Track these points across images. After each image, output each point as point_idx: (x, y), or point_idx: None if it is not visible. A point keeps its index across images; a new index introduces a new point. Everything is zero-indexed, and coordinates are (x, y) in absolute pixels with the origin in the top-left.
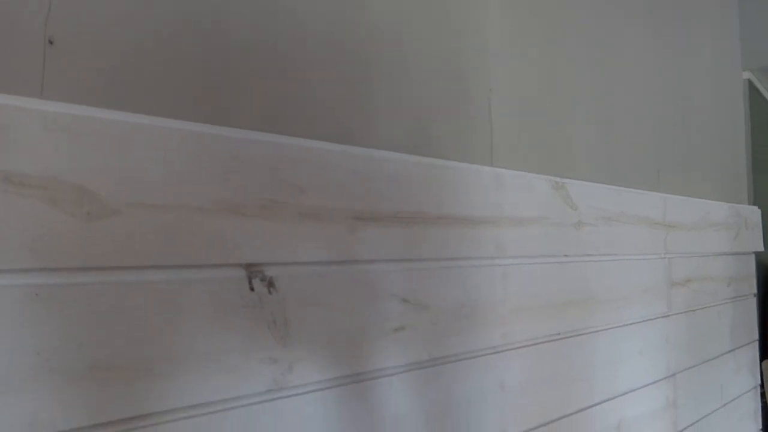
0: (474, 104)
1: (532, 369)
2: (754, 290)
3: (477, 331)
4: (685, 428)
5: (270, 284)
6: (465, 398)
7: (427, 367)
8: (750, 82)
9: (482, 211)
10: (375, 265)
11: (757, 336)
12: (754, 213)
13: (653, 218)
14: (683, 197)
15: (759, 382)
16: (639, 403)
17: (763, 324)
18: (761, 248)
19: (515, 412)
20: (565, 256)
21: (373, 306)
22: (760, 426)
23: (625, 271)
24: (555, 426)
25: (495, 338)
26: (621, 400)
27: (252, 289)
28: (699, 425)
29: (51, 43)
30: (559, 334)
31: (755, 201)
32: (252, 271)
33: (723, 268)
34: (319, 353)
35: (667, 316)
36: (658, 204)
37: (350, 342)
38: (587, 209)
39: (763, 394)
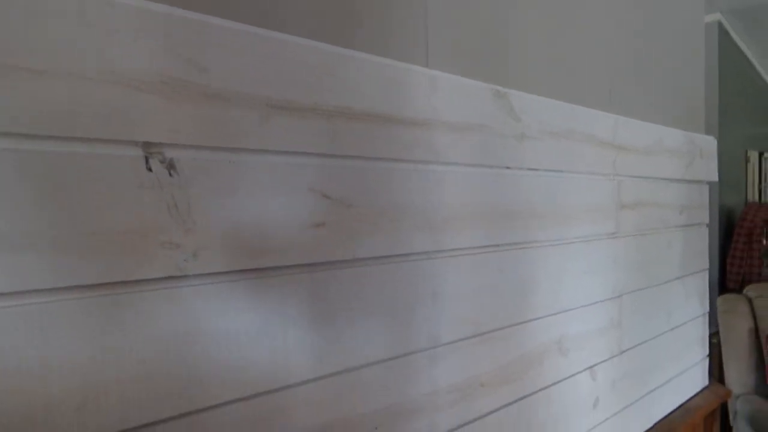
0: (408, 2)
1: (468, 278)
2: (707, 220)
3: (408, 235)
4: (629, 348)
5: (170, 166)
6: (394, 302)
7: (351, 267)
8: (720, 24)
9: (414, 113)
10: (292, 157)
11: (707, 265)
12: (710, 142)
13: (603, 138)
14: (635, 120)
15: (707, 310)
16: (582, 320)
17: (722, 263)
18: (715, 178)
19: (449, 321)
20: (507, 168)
21: (290, 199)
22: (707, 352)
23: (570, 189)
24: (491, 337)
25: (427, 244)
26: (563, 316)
27: (150, 169)
28: (644, 347)
29: None
30: (498, 246)
31: (720, 141)
32: (150, 151)
33: (675, 195)
34: (228, 243)
35: (615, 237)
36: (608, 124)
37: (264, 234)
38: (531, 122)
39: (715, 333)
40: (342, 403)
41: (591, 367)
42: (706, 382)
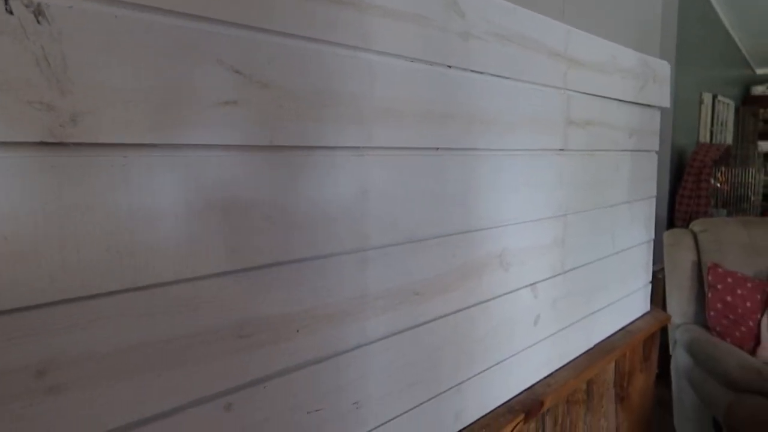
0: None
1: (403, 181)
2: (656, 147)
3: (335, 126)
4: (572, 269)
5: (38, 12)
6: (318, 197)
7: (269, 153)
8: None
9: None
10: (194, 21)
11: (655, 192)
12: (664, 67)
13: (553, 48)
14: (589, 34)
15: (652, 237)
16: (525, 236)
17: (671, 200)
18: (667, 104)
19: (380, 223)
20: (449, 67)
21: (193, 69)
22: (650, 279)
23: (518, 98)
24: (427, 244)
25: (358, 138)
26: (505, 230)
27: (10, 12)
28: (588, 268)
29: None
30: (437, 149)
31: (676, 82)
32: None
33: (626, 117)
34: (115, 112)
35: (562, 154)
36: (560, 34)
37: (160, 106)
38: (477, 20)
39: (661, 269)
40: (259, 301)
41: (533, 284)
42: (648, 308)
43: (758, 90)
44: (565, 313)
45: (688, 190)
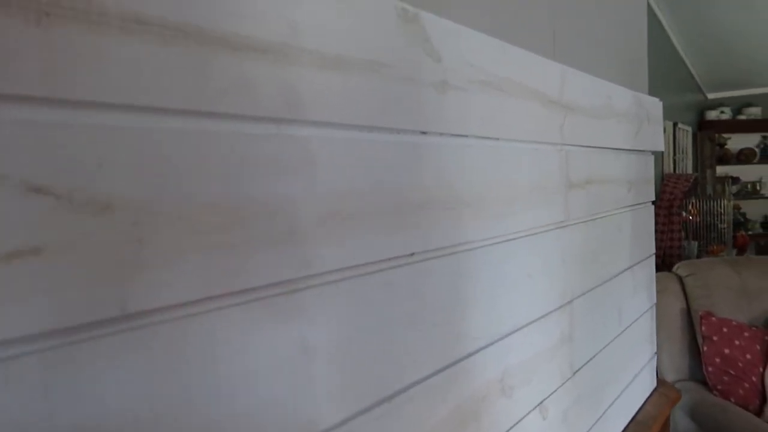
0: None
1: (364, 315)
2: (653, 197)
3: (248, 255)
4: (581, 367)
5: None
6: (221, 389)
7: (118, 332)
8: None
9: (257, 32)
10: None
11: (654, 250)
12: (656, 106)
13: (548, 94)
14: (584, 74)
15: (655, 301)
16: (528, 342)
17: None
18: (662, 148)
19: (331, 391)
20: (423, 133)
21: None
22: (655, 350)
23: (509, 163)
24: (406, 398)
25: (290, 266)
26: (505, 343)
27: None
28: (597, 360)
29: None
30: (412, 255)
31: None
32: None
33: (624, 168)
34: None
35: (564, 226)
36: (554, 76)
37: None
38: (457, 64)
39: None
40: None
41: (540, 403)
42: (654, 384)
43: (712, 115)
44: (576, 424)
45: (660, 224)
